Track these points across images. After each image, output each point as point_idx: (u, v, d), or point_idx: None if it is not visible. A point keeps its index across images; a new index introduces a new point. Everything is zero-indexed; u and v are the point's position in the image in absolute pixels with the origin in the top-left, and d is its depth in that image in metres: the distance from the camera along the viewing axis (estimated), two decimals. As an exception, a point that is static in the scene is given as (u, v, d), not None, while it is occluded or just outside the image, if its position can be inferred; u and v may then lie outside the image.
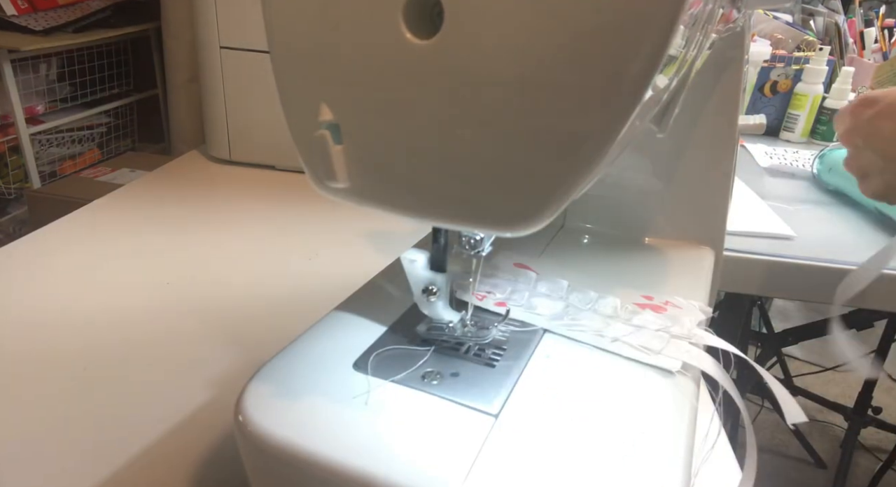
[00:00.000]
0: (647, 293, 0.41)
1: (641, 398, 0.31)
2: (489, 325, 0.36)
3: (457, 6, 0.21)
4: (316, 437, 0.27)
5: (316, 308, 0.38)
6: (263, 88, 0.86)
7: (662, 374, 0.33)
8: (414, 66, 0.22)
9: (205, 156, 0.97)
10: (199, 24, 0.86)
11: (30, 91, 1.59)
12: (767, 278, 0.69)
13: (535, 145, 0.22)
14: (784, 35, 1.22)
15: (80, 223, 0.73)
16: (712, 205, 0.50)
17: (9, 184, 1.60)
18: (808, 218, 0.80)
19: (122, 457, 0.39)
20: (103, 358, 0.49)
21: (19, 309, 0.55)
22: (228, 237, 0.72)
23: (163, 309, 0.56)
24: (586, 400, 0.31)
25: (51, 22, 1.52)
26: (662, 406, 0.31)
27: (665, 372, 0.33)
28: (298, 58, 0.25)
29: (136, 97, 1.88)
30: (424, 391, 0.31)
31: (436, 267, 0.33)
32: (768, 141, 1.15)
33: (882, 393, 1.74)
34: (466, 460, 0.27)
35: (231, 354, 0.50)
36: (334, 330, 0.36)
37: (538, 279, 0.41)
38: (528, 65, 0.21)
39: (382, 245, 0.69)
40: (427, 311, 0.34)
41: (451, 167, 0.24)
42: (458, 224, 0.26)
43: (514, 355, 0.34)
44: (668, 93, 0.28)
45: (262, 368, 0.32)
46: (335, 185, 0.26)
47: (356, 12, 0.23)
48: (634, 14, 0.20)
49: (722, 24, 0.34)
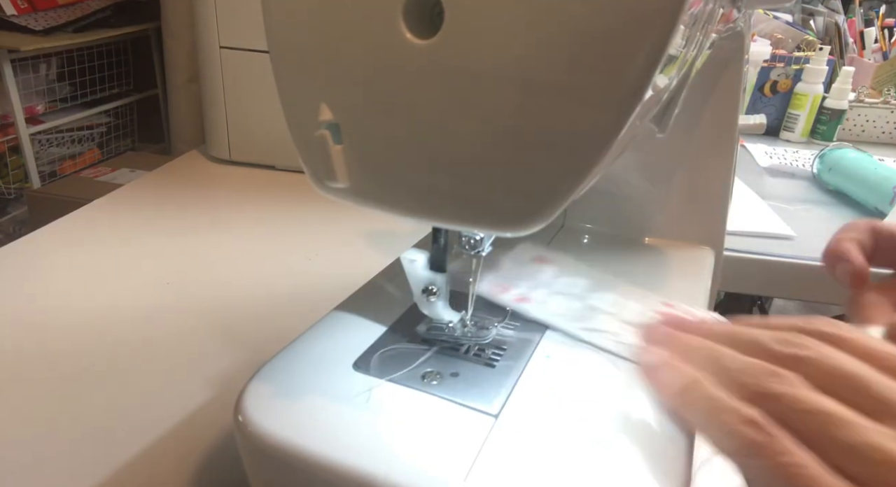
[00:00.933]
0: (657, 293, 0.41)
1: (641, 398, 0.31)
2: (489, 325, 0.36)
3: (457, 6, 0.21)
4: (316, 437, 0.27)
5: (316, 308, 0.38)
6: (263, 88, 0.86)
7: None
8: (414, 66, 0.22)
9: (205, 156, 0.97)
10: (199, 24, 0.86)
11: (30, 91, 1.59)
12: (767, 278, 0.69)
13: (535, 145, 0.22)
14: (784, 35, 1.22)
15: (80, 223, 0.73)
16: (712, 205, 0.50)
17: (9, 184, 1.60)
18: (808, 218, 0.80)
19: (122, 457, 0.39)
20: (103, 357, 0.49)
21: (19, 309, 0.55)
22: (228, 237, 0.72)
23: (163, 308, 0.56)
24: (586, 400, 0.31)
25: (51, 22, 1.52)
26: (663, 406, 0.31)
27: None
28: (298, 58, 0.25)
29: (136, 97, 1.88)
30: (424, 391, 0.31)
31: (436, 267, 0.33)
32: (768, 141, 1.15)
33: (882, 392, 1.74)
34: (466, 460, 0.27)
35: (231, 354, 0.50)
36: (334, 330, 0.36)
37: (557, 274, 0.41)
38: (527, 65, 0.21)
39: (382, 245, 0.69)
40: (427, 311, 0.34)
41: (451, 167, 0.24)
42: (458, 224, 0.26)
43: (514, 355, 0.34)
44: (668, 93, 0.28)
45: (262, 368, 0.32)
46: (335, 185, 0.26)
47: (356, 12, 0.23)
48: (634, 14, 0.20)
49: (722, 24, 0.34)
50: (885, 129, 1.20)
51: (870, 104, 1.18)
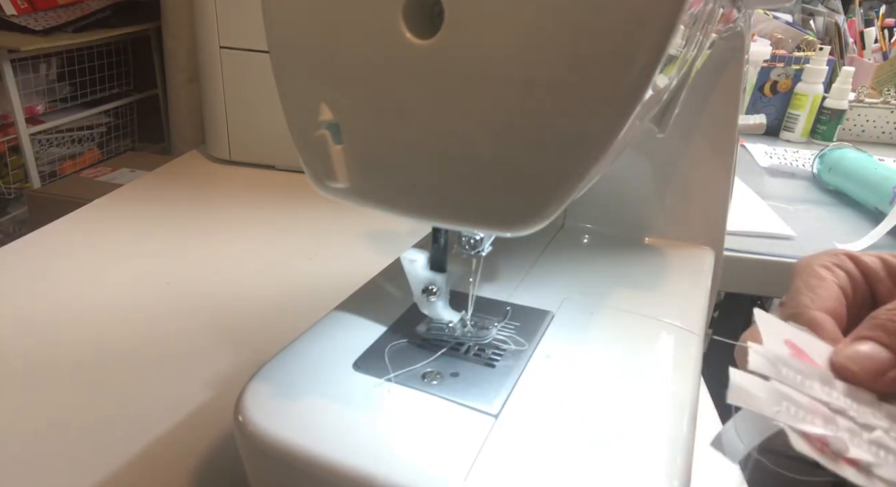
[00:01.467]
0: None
1: (641, 398, 0.31)
2: (489, 325, 0.36)
3: (457, 6, 0.21)
4: (316, 437, 0.27)
5: (316, 308, 0.38)
6: (263, 88, 0.86)
7: (662, 375, 0.33)
8: (414, 66, 0.22)
9: (205, 156, 0.97)
10: (199, 24, 0.86)
11: (30, 91, 1.59)
12: (767, 278, 0.69)
13: (536, 145, 0.22)
14: (784, 35, 1.22)
15: (80, 223, 0.73)
16: (712, 205, 0.50)
17: (9, 184, 1.60)
18: (808, 218, 0.80)
19: (122, 457, 0.39)
20: (103, 357, 0.49)
21: (19, 309, 0.55)
22: (228, 237, 0.72)
23: (163, 309, 0.56)
24: (586, 400, 0.31)
25: (51, 22, 1.52)
26: (662, 406, 0.31)
27: (664, 372, 0.33)
28: (298, 57, 0.25)
29: (136, 97, 1.88)
30: (424, 391, 0.31)
31: (436, 267, 0.33)
32: (768, 141, 1.15)
33: (882, 392, 1.74)
34: (466, 460, 0.27)
35: (231, 354, 0.50)
36: (334, 330, 0.36)
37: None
38: (527, 65, 0.21)
39: (382, 245, 0.69)
40: (427, 311, 0.34)
41: (451, 167, 0.24)
42: (458, 224, 0.26)
43: (514, 355, 0.34)
44: (668, 92, 0.28)
45: (262, 368, 0.32)
46: (335, 185, 0.26)
47: (356, 12, 0.23)
48: (635, 14, 0.20)
49: (722, 24, 0.34)
50: (885, 129, 1.20)
51: (870, 104, 1.18)
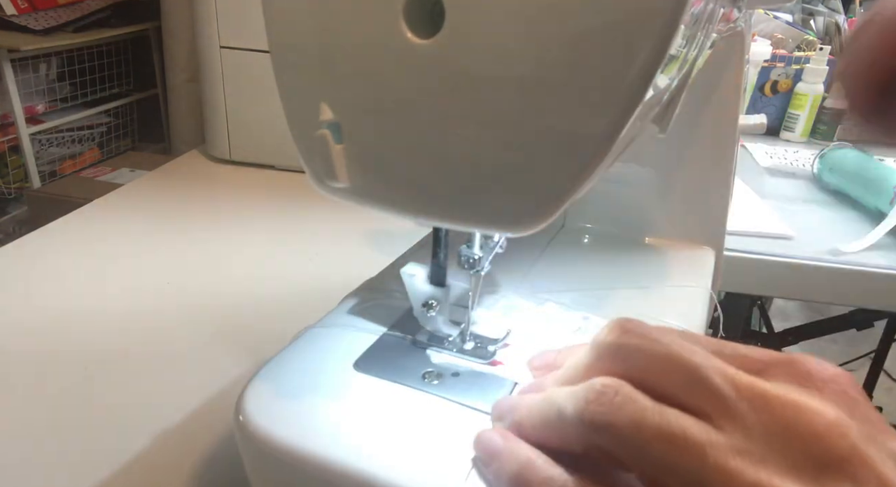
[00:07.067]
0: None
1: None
2: (489, 344, 0.35)
3: (457, 6, 0.21)
4: (316, 437, 0.27)
5: (316, 308, 0.38)
6: (263, 88, 0.86)
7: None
8: (414, 65, 0.22)
9: (205, 156, 0.97)
10: (199, 24, 0.86)
11: (30, 91, 1.59)
12: (767, 278, 0.70)
13: (536, 145, 0.22)
14: (784, 35, 1.22)
15: (80, 223, 0.73)
16: (712, 205, 0.50)
17: (9, 184, 1.60)
18: (808, 218, 0.80)
19: (123, 457, 0.39)
20: (103, 357, 0.49)
21: (19, 309, 0.55)
22: (228, 237, 0.72)
23: (163, 309, 0.56)
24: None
25: (50, 22, 1.52)
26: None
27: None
28: (298, 57, 0.25)
29: (136, 97, 1.88)
30: (424, 391, 0.31)
31: (436, 281, 0.33)
32: (768, 141, 1.15)
33: (882, 392, 1.74)
34: (466, 460, 0.26)
35: (231, 354, 0.50)
36: (334, 330, 0.36)
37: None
38: (528, 65, 0.21)
39: (382, 245, 0.69)
40: (427, 326, 0.34)
41: (452, 167, 0.24)
42: (458, 224, 0.26)
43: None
44: (668, 93, 0.28)
45: (262, 368, 0.32)
46: (335, 185, 0.26)
47: (356, 12, 0.23)
48: (635, 13, 0.20)
49: (723, 24, 0.34)
50: (886, 129, 1.19)
51: (870, 104, 1.18)
